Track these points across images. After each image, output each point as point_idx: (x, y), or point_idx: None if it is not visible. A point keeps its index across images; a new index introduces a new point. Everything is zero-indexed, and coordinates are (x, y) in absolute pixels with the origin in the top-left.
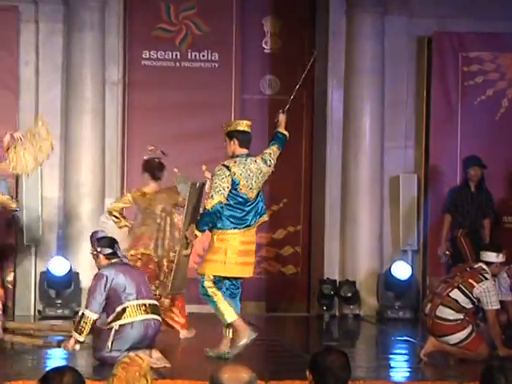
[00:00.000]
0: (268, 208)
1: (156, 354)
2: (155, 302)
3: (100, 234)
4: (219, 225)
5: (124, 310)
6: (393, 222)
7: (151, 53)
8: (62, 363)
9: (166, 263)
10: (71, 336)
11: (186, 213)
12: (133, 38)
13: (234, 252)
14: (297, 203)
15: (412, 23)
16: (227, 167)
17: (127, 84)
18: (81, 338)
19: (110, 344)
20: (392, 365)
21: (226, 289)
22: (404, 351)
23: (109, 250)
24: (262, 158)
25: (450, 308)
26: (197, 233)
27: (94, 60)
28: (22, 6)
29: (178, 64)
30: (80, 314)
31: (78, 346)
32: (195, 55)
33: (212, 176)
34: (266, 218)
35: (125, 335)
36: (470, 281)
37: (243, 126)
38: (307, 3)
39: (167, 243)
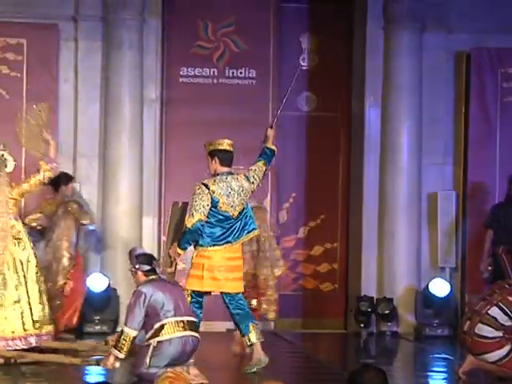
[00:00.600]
0: (305, 225)
1: (193, 370)
2: (193, 319)
3: (138, 251)
4: (200, 242)
5: (162, 326)
6: (431, 239)
7: (189, 70)
8: (101, 380)
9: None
10: (110, 353)
11: (168, 231)
12: (171, 55)
13: (212, 268)
14: (334, 220)
15: (450, 39)
16: (206, 186)
17: (165, 101)
18: (120, 355)
19: (148, 360)
20: (430, 383)
21: (230, 303)
22: (442, 369)
23: (147, 267)
24: (244, 175)
25: (489, 326)
26: (179, 251)
27: (132, 78)
28: (62, 24)
29: (215, 81)
30: (120, 331)
31: (117, 364)
32: (233, 72)
33: (192, 195)
34: (256, 232)
35: (163, 352)
36: (509, 298)
37: (224, 145)
38: (344, 20)
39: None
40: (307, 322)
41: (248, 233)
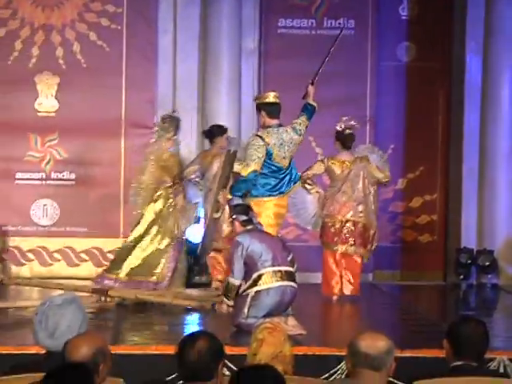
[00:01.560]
0: (404, 176)
1: (292, 321)
2: (291, 269)
3: (236, 201)
4: (255, 193)
5: (260, 276)
6: None
7: (287, 21)
8: (199, 328)
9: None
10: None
11: (218, 178)
12: (269, 6)
13: (268, 215)
14: (433, 171)
15: None
16: (261, 137)
17: (263, 53)
18: (230, 303)
19: (246, 310)
20: None
21: None
22: None
23: (244, 217)
24: (292, 128)
25: None
26: (229, 196)
27: (230, 29)
28: None
29: (313, 32)
30: (226, 282)
31: (231, 309)
32: (331, 23)
33: (247, 146)
34: (299, 184)
35: (261, 302)
36: None
37: (270, 97)
38: None
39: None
40: (406, 273)
41: (295, 183)
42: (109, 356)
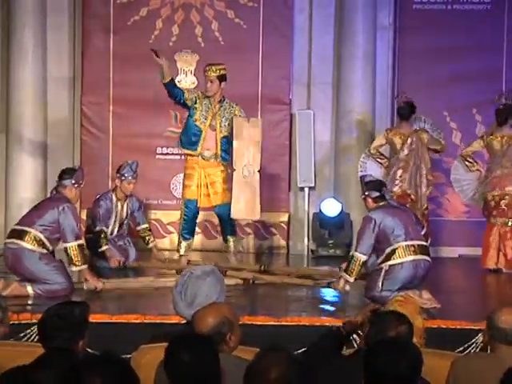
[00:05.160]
0: None
1: (426, 294)
2: (424, 243)
3: (368, 178)
4: None
5: (393, 251)
6: None
7: None
8: (334, 302)
9: None
10: (341, 277)
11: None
12: None
13: None
14: None
15: None
16: None
17: (398, 28)
18: (350, 279)
19: (380, 284)
20: None
21: None
22: None
23: (376, 194)
24: None
25: None
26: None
27: (365, 5)
28: None
29: (449, 7)
30: (350, 255)
31: (348, 287)
32: None
33: None
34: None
35: (395, 275)
36: None
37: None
38: None
39: None
40: None
41: None
42: (236, 326)
